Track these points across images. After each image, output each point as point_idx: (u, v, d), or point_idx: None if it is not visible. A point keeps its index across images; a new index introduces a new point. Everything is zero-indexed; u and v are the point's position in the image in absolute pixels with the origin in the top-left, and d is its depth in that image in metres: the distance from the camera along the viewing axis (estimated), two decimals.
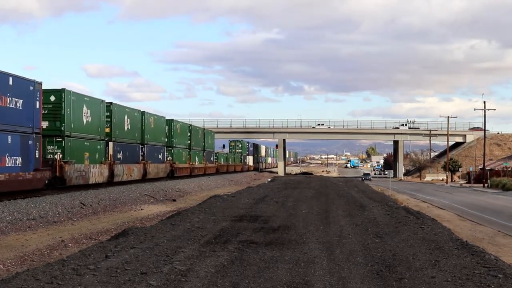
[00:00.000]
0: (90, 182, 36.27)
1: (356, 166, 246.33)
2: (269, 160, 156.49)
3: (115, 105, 42.09)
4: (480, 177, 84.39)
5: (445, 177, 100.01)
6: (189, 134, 64.33)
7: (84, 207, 29.09)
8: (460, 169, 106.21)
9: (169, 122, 56.96)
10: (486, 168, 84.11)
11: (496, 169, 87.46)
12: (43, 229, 21.95)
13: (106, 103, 40.35)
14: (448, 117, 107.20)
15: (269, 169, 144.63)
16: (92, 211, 28.38)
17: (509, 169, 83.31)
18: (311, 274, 12.25)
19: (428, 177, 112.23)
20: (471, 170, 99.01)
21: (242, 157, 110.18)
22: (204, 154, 71.93)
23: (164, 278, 11.53)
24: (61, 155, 32.98)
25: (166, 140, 55.11)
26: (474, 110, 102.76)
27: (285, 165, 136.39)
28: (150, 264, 12.87)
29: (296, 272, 12.42)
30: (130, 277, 11.60)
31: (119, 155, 41.88)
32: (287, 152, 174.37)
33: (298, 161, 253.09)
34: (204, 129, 74.85)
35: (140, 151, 46.96)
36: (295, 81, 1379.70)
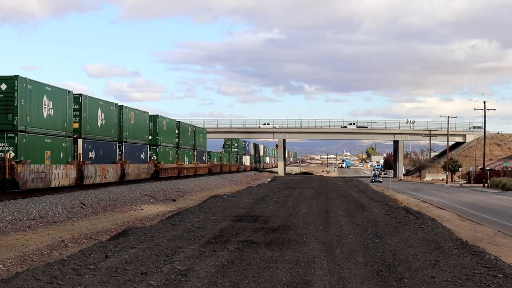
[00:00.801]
0: (52, 185, 31.39)
1: (349, 166, 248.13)
2: (267, 160, 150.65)
3: (86, 97, 36.97)
4: (480, 177, 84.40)
5: (445, 177, 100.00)
6: (177, 131, 59.21)
7: (84, 207, 29.10)
8: (460, 169, 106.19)
9: (153, 118, 51.93)
10: (486, 168, 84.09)
11: (496, 169, 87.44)
12: (43, 229, 21.95)
13: (75, 94, 35.27)
14: (448, 117, 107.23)
15: (267, 169, 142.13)
16: (92, 211, 28.39)
17: (509, 169, 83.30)
18: (311, 274, 12.25)
19: (428, 177, 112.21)
20: (471, 170, 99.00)
21: (238, 156, 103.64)
22: (195, 153, 66.89)
23: (164, 278, 11.53)
24: (13, 154, 28.38)
25: (150, 138, 50.54)
26: (474, 110, 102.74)
27: (285, 165, 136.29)
28: (150, 264, 12.88)
29: (296, 272, 12.43)
30: (130, 277, 11.61)
31: (91, 154, 36.93)
32: (286, 152, 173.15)
33: (298, 161, 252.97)
34: (194, 126, 69.10)
35: (117, 149, 41.93)
36: (295, 81, 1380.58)
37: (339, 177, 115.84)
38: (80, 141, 35.76)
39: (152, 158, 50.97)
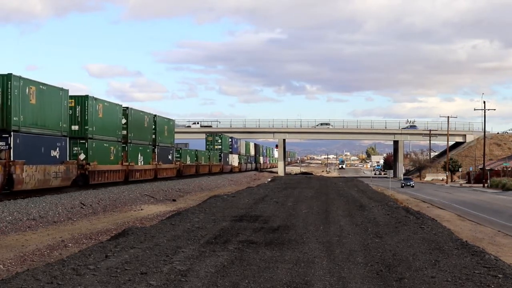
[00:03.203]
0: None
1: (344, 167, 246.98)
2: (261, 159, 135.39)
3: None
4: (480, 177, 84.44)
5: (445, 177, 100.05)
6: (124, 121, 44.00)
7: (84, 207, 29.10)
8: (460, 169, 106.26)
9: (80, 100, 37.14)
10: (486, 168, 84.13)
11: (496, 169, 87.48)
12: (43, 229, 21.96)
13: None
14: (448, 117, 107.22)
15: (265, 170, 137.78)
16: (92, 211, 28.40)
17: (509, 169, 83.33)
18: (311, 274, 12.26)
19: (428, 177, 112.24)
20: (471, 170, 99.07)
21: (222, 155, 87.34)
22: (156, 151, 51.91)
23: (164, 278, 11.53)
24: None
25: (76, 128, 36.59)
26: (474, 110, 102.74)
27: (285, 165, 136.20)
28: (150, 264, 12.88)
29: (296, 272, 12.43)
30: (130, 277, 11.61)
31: None
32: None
33: (298, 161, 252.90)
34: (155, 115, 52.92)
35: None
36: (297, 81, 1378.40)
37: (339, 177, 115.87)
38: None
39: (78, 156, 36.46)
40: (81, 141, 37.08)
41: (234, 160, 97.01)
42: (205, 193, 47.18)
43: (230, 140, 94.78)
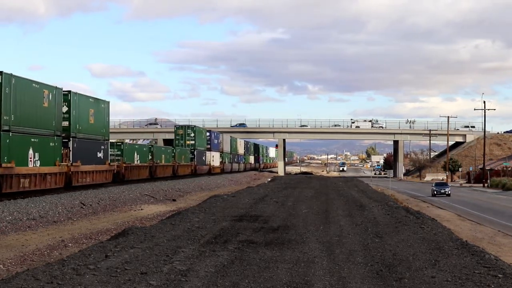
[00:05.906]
0: None
1: (344, 169, 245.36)
2: (251, 159, 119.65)
3: None
4: (480, 177, 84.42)
5: (445, 177, 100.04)
6: None
7: (84, 207, 29.10)
8: (460, 169, 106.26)
9: None
10: (486, 168, 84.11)
11: (496, 169, 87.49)
12: (43, 229, 21.95)
13: None
14: (448, 117, 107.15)
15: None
16: (92, 211, 28.38)
17: (509, 169, 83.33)
18: (311, 274, 12.26)
19: (428, 177, 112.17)
20: (471, 170, 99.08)
21: (196, 153, 69.87)
22: (70, 145, 34.82)
23: (164, 278, 11.53)
24: None
25: None
26: (474, 110, 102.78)
27: (285, 165, 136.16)
28: (150, 264, 12.88)
29: (296, 272, 12.43)
30: (130, 277, 11.61)
31: None
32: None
33: (297, 161, 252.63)
34: (69, 92, 35.67)
35: None
36: (299, 81, 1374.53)
37: (339, 177, 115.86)
38: None
39: None
40: None
41: (214, 159, 79.49)
42: (205, 192, 47.16)
43: (208, 134, 77.62)
